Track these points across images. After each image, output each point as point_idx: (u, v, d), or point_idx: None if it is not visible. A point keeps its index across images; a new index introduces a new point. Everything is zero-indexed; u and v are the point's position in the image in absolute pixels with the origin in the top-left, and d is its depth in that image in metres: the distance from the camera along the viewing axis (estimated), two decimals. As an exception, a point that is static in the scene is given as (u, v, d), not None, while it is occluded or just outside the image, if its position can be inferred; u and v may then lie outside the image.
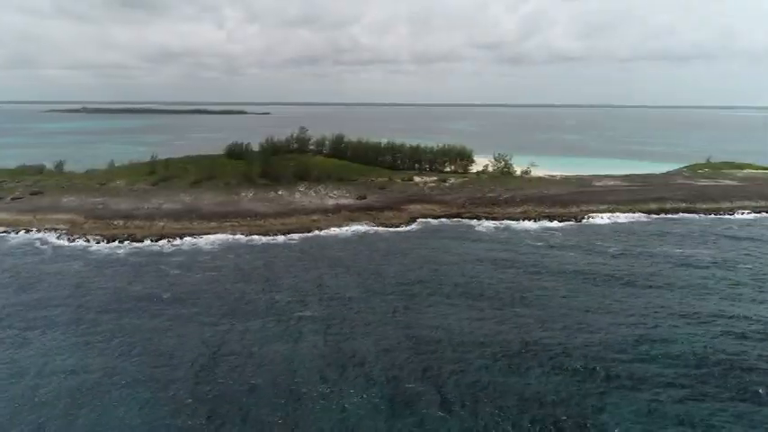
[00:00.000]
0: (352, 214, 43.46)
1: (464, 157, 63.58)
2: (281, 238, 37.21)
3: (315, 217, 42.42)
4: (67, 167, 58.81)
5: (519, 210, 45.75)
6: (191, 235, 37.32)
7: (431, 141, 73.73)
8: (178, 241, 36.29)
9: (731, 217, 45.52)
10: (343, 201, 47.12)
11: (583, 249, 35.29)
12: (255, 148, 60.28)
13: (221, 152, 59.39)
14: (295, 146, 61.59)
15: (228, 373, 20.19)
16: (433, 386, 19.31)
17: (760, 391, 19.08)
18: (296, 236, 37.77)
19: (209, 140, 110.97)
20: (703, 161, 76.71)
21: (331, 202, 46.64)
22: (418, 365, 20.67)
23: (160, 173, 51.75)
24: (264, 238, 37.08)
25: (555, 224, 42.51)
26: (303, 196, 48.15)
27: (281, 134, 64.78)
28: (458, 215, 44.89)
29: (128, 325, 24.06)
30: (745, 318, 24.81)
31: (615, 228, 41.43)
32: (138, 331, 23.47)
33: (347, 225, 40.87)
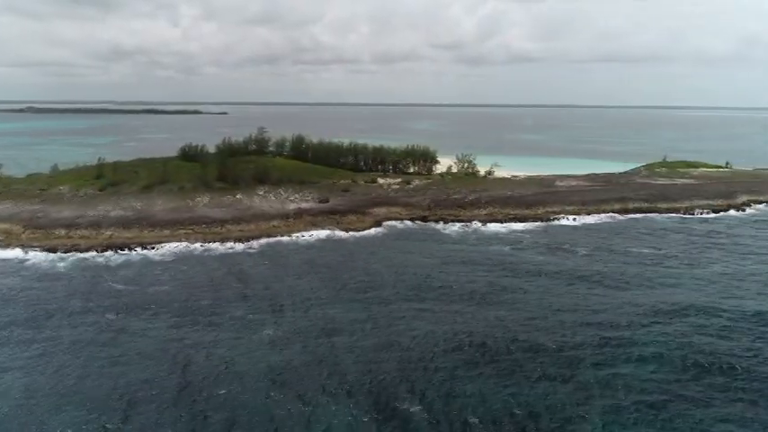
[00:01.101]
0: (314, 219, 41.71)
1: (428, 158, 62.63)
2: (239, 246, 35.14)
3: (275, 222, 40.45)
4: (7, 171, 54.72)
5: (485, 212, 44.99)
6: (141, 245, 34.80)
7: (394, 142, 72.60)
8: (127, 252, 33.75)
9: (692, 216, 46.01)
10: (305, 204, 45.30)
11: (552, 252, 34.65)
12: (212, 149, 57.66)
13: (175, 154, 56.50)
14: (254, 147, 59.22)
15: (179, 396, 18.24)
16: (415, 398, 17.90)
17: (737, 389, 18.52)
18: (256, 243, 35.76)
19: (163, 141, 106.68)
20: (660, 160, 78.27)
21: (292, 206, 44.73)
22: (396, 375, 19.24)
23: (108, 177, 48.58)
24: (222, 247, 34.93)
25: (522, 226, 41.90)
26: (263, 200, 46.06)
27: (240, 135, 62.33)
28: (423, 218, 43.77)
29: (63, 343, 21.70)
30: (717, 315, 24.45)
31: (582, 229, 41.13)
32: (74, 351, 21.16)
33: (310, 230, 39.11)
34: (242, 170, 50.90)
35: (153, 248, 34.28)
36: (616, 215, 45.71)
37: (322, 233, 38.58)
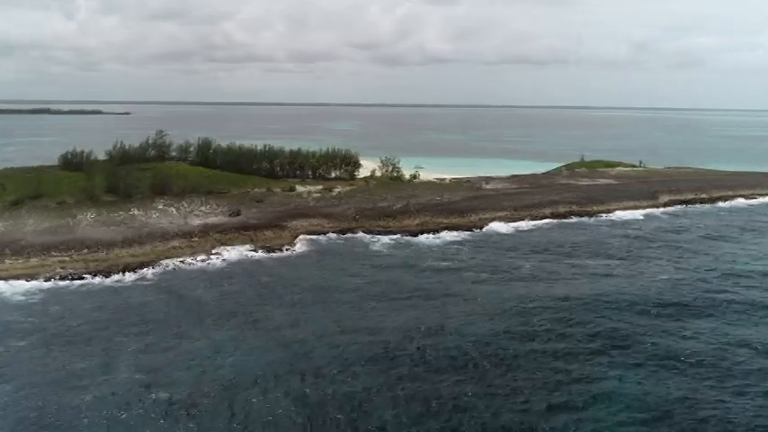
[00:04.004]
0: (223, 236, 36.09)
1: (350, 162, 58.33)
2: (129, 277, 28.89)
3: (176, 242, 34.45)
4: None
5: (415, 222, 41.39)
6: (-3, 279, 27.75)
7: (313, 144, 67.71)
8: (-25, 291, 26.63)
9: (622, 219, 45.05)
10: (213, 219, 39.45)
11: (495, 270, 31.48)
12: (102, 156, 49.98)
13: (56, 163, 48.36)
14: (152, 153, 52.12)
15: None
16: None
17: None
18: (150, 272, 29.64)
19: (51, 146, 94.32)
20: (578, 159, 79.02)
21: (197, 221, 38.75)
22: None
23: (-36, 192, 40.09)
24: (107, 280, 28.51)
25: (456, 235, 38.73)
26: (162, 215, 39.66)
27: (143, 137, 54.86)
28: (349, 230, 39.43)
29: None
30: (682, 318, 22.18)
31: (519, 238, 38.59)
32: None
33: (218, 251, 33.54)
34: (137, 180, 44.04)
35: (8, 283, 27.18)
36: (549, 220, 43.81)
37: (233, 254, 33.15)
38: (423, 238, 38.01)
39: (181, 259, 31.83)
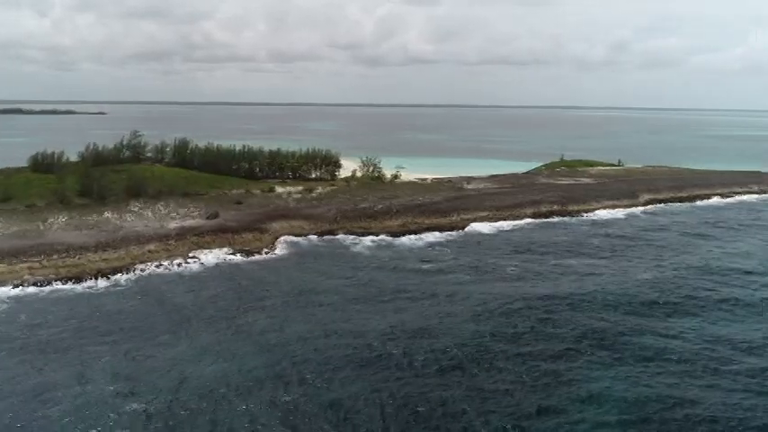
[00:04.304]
0: (201, 239, 35.17)
1: (331, 162, 57.66)
2: (102, 284, 27.87)
3: (152, 246, 33.41)
4: None
5: (397, 222, 40.97)
6: (-39, 287, 26.54)
7: (293, 144, 66.83)
8: (-60, 299, 25.44)
9: (603, 218, 45.30)
10: (190, 222, 38.48)
11: (477, 271, 31.21)
12: (73, 157, 48.51)
13: (25, 164, 46.75)
14: (127, 154, 50.79)
15: None
16: None
17: None
18: (124, 277, 28.65)
19: (19, 147, 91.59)
20: (558, 159, 79.54)
21: (174, 224, 37.74)
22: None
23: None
24: (78, 287, 27.46)
25: (438, 236, 38.43)
26: (137, 218, 38.57)
27: (118, 138, 53.46)
28: (330, 232, 38.84)
29: None
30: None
31: (501, 238, 38.45)
32: None
33: (195, 255, 32.67)
34: (111, 182, 42.77)
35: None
36: (531, 220, 43.81)
37: (211, 258, 32.32)
38: (405, 239, 37.61)
39: (157, 263, 30.87)
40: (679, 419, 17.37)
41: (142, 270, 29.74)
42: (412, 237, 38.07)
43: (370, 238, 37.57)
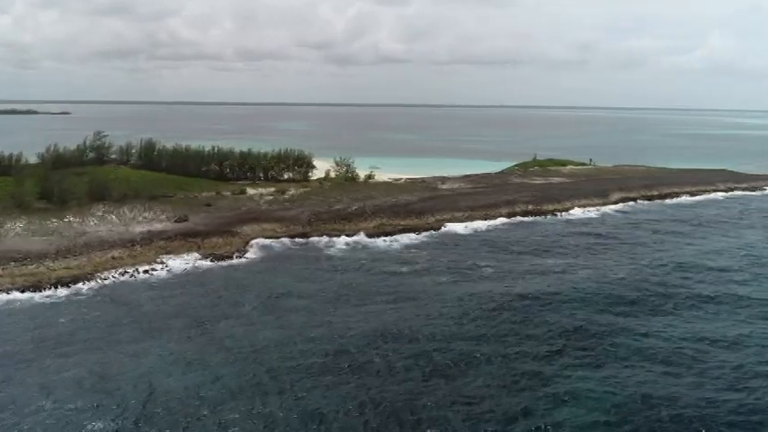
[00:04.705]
0: (168, 244, 33.87)
1: (303, 163, 56.74)
2: (62, 292, 26.35)
3: (116, 252, 31.99)
4: None
5: (372, 224, 40.29)
6: None
7: (264, 145, 65.62)
8: None
9: (577, 217, 45.58)
10: (157, 226, 37.09)
11: (454, 272, 30.77)
12: (33, 159, 46.42)
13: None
14: (90, 156, 48.90)
15: None
16: None
17: None
18: (86, 286, 27.16)
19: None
20: (530, 158, 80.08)
21: (140, 228, 36.30)
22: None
23: None
24: (36, 296, 25.93)
25: (414, 237, 37.92)
26: (100, 223, 36.99)
27: (81, 138, 51.47)
28: (303, 234, 37.93)
29: None
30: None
31: (478, 238, 38.17)
32: None
33: (163, 260, 31.37)
34: (73, 185, 40.98)
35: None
36: (506, 219, 43.70)
37: (179, 263, 31.06)
38: (380, 240, 36.99)
39: (121, 270, 29.46)
40: (663, 419, 17.18)
41: (105, 278, 28.32)
42: (387, 238, 37.46)
43: (345, 240, 36.82)
